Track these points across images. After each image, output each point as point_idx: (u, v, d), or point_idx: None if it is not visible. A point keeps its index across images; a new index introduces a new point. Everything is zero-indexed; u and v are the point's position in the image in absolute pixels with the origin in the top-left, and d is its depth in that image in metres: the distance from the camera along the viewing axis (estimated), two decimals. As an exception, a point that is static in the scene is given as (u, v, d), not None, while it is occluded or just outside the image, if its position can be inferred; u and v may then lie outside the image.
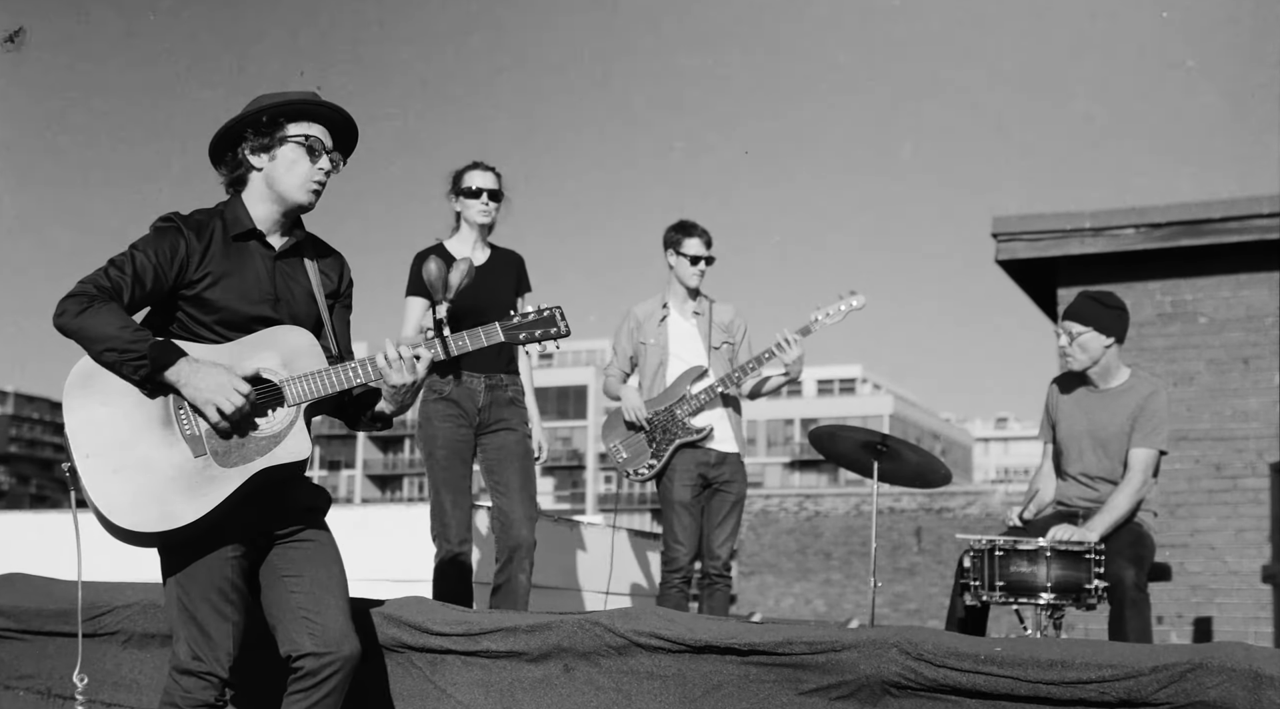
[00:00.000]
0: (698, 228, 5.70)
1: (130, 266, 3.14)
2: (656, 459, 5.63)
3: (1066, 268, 10.21)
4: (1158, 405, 4.89)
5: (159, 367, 3.07)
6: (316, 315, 3.38)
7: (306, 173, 3.29)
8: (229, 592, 3.17)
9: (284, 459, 3.15)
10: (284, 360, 3.21)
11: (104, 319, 3.05)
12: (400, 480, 72.82)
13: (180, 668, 3.14)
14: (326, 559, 3.32)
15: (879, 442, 4.87)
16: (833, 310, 5.50)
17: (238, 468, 3.10)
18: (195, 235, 3.24)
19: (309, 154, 3.29)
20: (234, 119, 3.30)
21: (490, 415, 5.12)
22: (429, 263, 4.88)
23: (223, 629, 3.15)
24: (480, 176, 5.19)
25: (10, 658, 4.65)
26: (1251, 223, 9.63)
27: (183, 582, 3.16)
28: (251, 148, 3.30)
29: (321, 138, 3.32)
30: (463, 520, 5.08)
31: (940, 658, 3.42)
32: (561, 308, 3.35)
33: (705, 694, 3.64)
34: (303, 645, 3.19)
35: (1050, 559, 4.47)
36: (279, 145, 3.28)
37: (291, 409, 3.18)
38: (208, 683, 3.12)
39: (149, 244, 3.20)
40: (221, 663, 3.14)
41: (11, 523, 8.68)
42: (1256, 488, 9.49)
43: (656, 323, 5.76)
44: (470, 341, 3.30)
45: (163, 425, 3.11)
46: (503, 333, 3.31)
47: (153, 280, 3.16)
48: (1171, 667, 3.21)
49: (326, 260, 3.46)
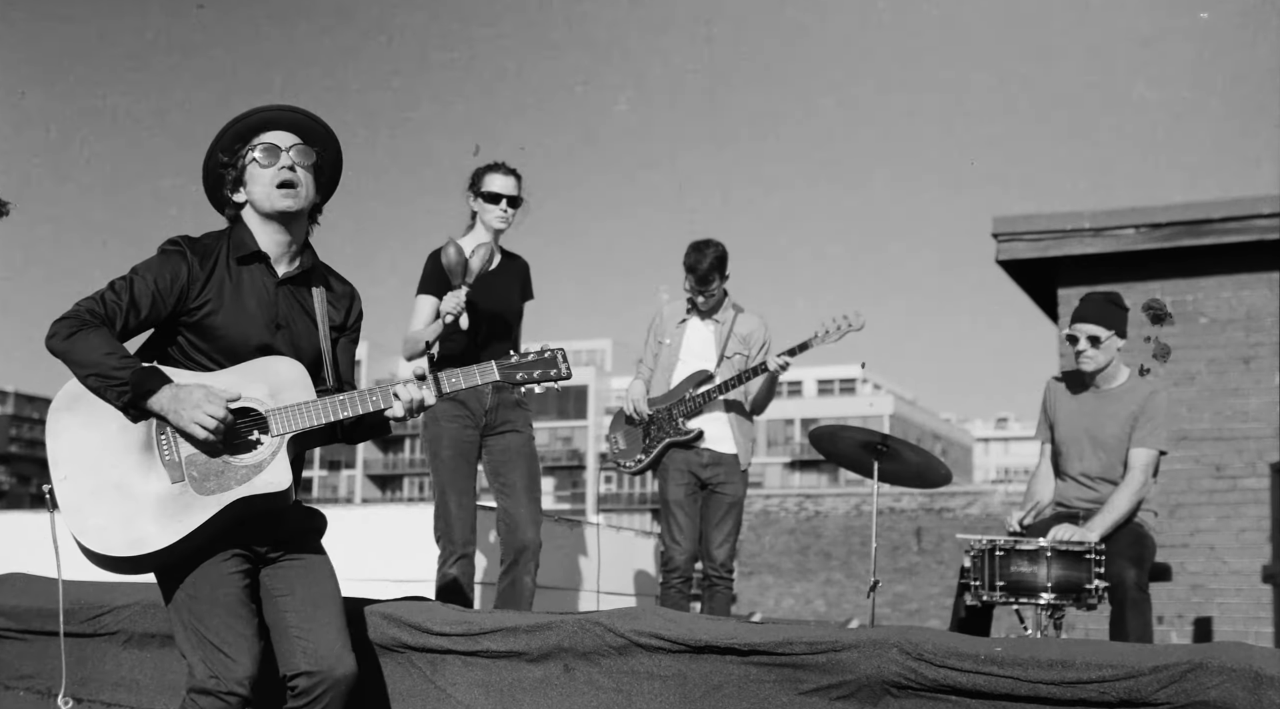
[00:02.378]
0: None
1: (128, 293, 3.15)
2: (645, 454, 5.75)
3: (1067, 268, 10.21)
4: (1158, 406, 4.89)
5: (141, 394, 3.06)
6: (318, 344, 3.36)
7: (269, 178, 3.28)
8: (237, 607, 3.12)
9: (261, 490, 3.11)
10: (272, 391, 3.18)
11: (92, 344, 3.05)
12: (400, 480, 72.81)
13: (197, 688, 3.04)
14: (319, 576, 3.29)
15: (879, 442, 4.87)
16: (833, 329, 5.53)
17: (214, 496, 3.08)
18: (200, 261, 3.24)
19: (264, 160, 3.28)
20: (204, 164, 3.33)
21: (496, 417, 5.12)
22: (448, 247, 4.88)
23: (239, 645, 3.07)
24: (502, 181, 5.15)
25: (10, 658, 4.65)
26: (1251, 223, 9.62)
27: (187, 600, 3.11)
28: (230, 186, 3.32)
29: (276, 142, 3.30)
30: (467, 522, 5.07)
31: (940, 658, 3.42)
32: (564, 350, 3.34)
33: (705, 694, 3.64)
34: (297, 665, 3.16)
35: (1051, 559, 4.47)
36: (243, 172, 3.30)
37: (275, 440, 3.15)
38: (225, 703, 3.03)
39: (150, 269, 3.20)
40: (240, 681, 3.04)
41: (11, 523, 8.66)
42: (1256, 488, 9.48)
43: (675, 324, 5.83)
44: (464, 380, 3.27)
45: (143, 450, 3.10)
46: (498, 372, 3.29)
47: (149, 306, 3.17)
48: (1171, 667, 3.20)
49: (336, 292, 3.45)
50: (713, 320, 5.78)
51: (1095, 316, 4.92)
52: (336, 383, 3.37)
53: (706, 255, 5.62)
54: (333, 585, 3.32)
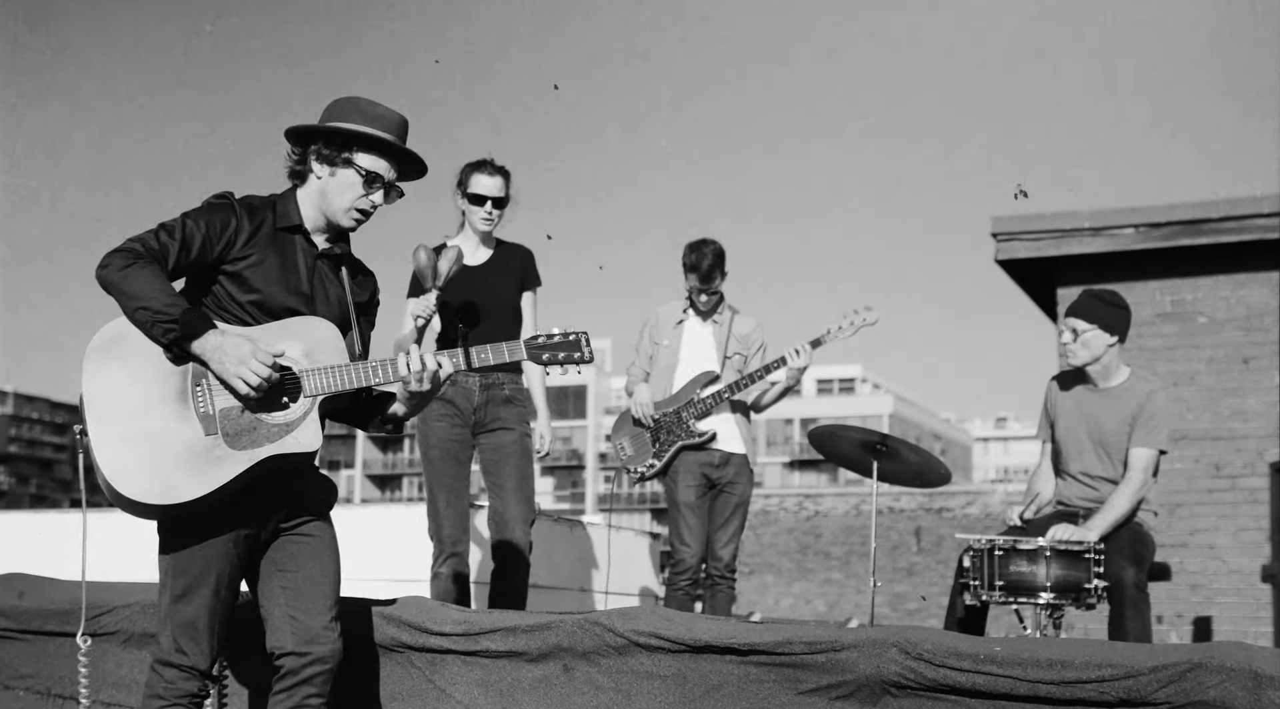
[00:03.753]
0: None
1: (180, 233, 3.18)
2: (657, 459, 5.69)
3: (1066, 268, 10.21)
4: (1157, 405, 4.89)
5: (188, 334, 3.09)
6: (345, 319, 3.41)
7: (355, 200, 3.35)
8: (220, 588, 3.20)
9: (293, 449, 3.17)
10: (306, 350, 3.24)
11: (145, 278, 3.08)
12: (400, 480, 72.79)
13: (163, 659, 3.18)
14: (324, 556, 3.33)
15: (879, 441, 4.87)
16: (846, 325, 5.53)
17: (246, 452, 3.12)
18: (248, 216, 3.29)
19: (366, 184, 3.34)
20: (314, 125, 3.35)
21: (486, 415, 5.11)
22: (418, 251, 4.91)
23: (205, 622, 3.17)
24: (487, 182, 5.13)
25: (10, 658, 4.65)
26: (1251, 223, 9.62)
27: (177, 570, 3.18)
28: (318, 156, 3.35)
29: (383, 174, 3.36)
30: (457, 521, 5.07)
31: (940, 658, 3.42)
32: (588, 334, 3.39)
33: (705, 694, 3.65)
34: (285, 644, 3.23)
35: (1050, 559, 4.47)
36: (343, 166, 3.34)
37: (307, 400, 3.21)
38: (189, 674, 3.17)
39: (201, 215, 3.24)
40: (205, 655, 3.18)
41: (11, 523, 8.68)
42: (1256, 488, 9.49)
43: (673, 325, 5.81)
44: (493, 355, 3.33)
45: (179, 399, 3.13)
46: (526, 351, 3.35)
47: (199, 250, 3.20)
48: (1171, 666, 3.21)
49: (360, 277, 3.51)
50: (711, 321, 5.78)
51: (1078, 311, 4.95)
52: (360, 357, 3.42)
53: (706, 253, 5.61)
54: (335, 566, 3.36)
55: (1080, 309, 4.96)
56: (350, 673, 3.67)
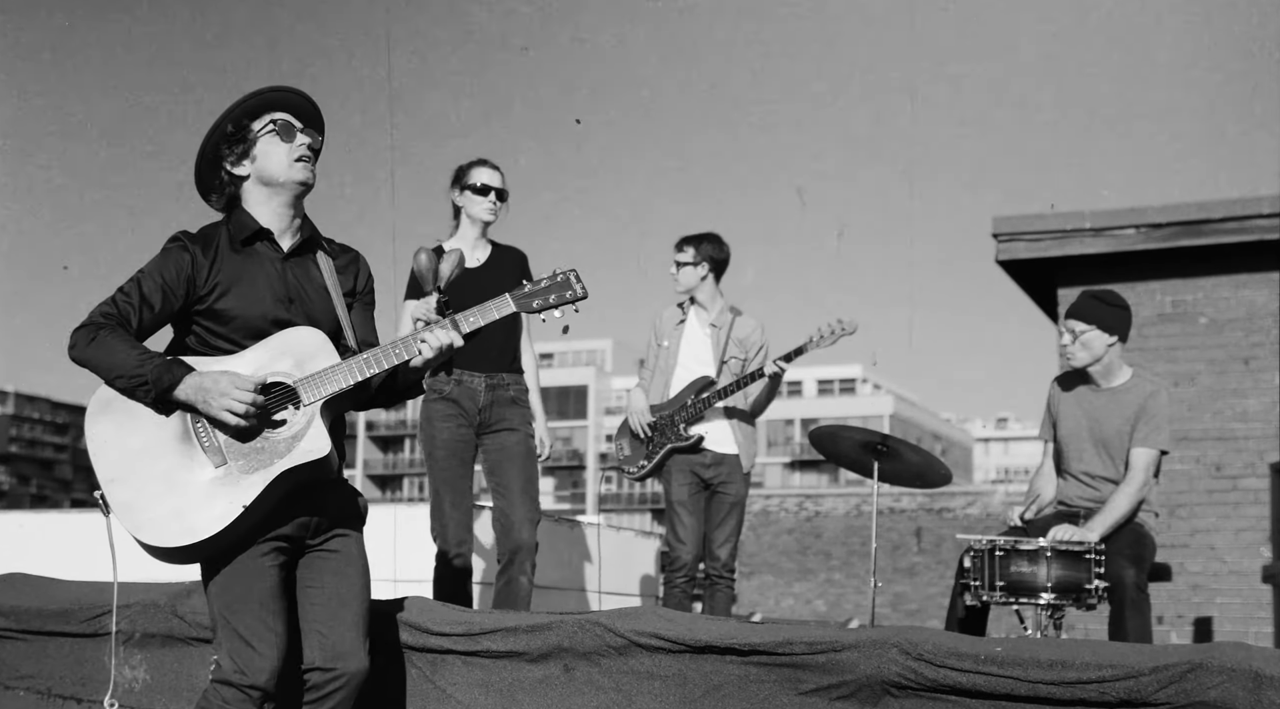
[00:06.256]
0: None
1: (137, 292, 3.19)
2: (647, 460, 5.80)
3: (1067, 268, 10.21)
4: (1159, 405, 4.89)
5: (165, 388, 3.10)
6: (333, 312, 3.38)
7: (286, 151, 3.32)
8: (270, 602, 3.17)
9: (302, 459, 3.15)
10: (297, 362, 3.22)
11: (110, 346, 3.11)
12: (400, 480, 72.80)
13: (222, 679, 3.12)
14: (351, 571, 3.33)
15: (879, 442, 4.87)
16: (826, 334, 5.59)
17: (260, 473, 3.12)
18: (201, 249, 3.28)
19: (281, 136, 3.32)
20: (204, 141, 3.33)
21: (491, 415, 5.11)
22: (419, 254, 4.89)
23: (267, 640, 3.13)
24: (489, 174, 5.19)
25: (10, 658, 4.65)
26: (1251, 223, 9.62)
27: (223, 592, 3.16)
28: (231, 160, 3.33)
29: (289, 120, 3.34)
30: (461, 521, 5.07)
31: (940, 658, 3.42)
32: (576, 270, 3.29)
33: (705, 694, 3.64)
34: (313, 659, 3.22)
35: (1050, 559, 4.47)
36: (253, 145, 3.32)
37: (308, 409, 3.19)
38: (247, 696, 3.10)
39: (155, 266, 3.25)
40: (264, 674, 3.11)
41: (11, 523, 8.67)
42: (1256, 488, 9.49)
43: (673, 327, 5.86)
44: (481, 316, 3.28)
45: (182, 441, 3.14)
46: (514, 302, 3.28)
47: (162, 301, 3.21)
48: (1171, 667, 3.21)
49: (342, 259, 3.49)
50: (710, 325, 5.80)
51: (1077, 312, 4.95)
52: (358, 348, 3.38)
53: (724, 247, 5.83)
54: (362, 581, 3.35)
55: (1079, 310, 4.96)
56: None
